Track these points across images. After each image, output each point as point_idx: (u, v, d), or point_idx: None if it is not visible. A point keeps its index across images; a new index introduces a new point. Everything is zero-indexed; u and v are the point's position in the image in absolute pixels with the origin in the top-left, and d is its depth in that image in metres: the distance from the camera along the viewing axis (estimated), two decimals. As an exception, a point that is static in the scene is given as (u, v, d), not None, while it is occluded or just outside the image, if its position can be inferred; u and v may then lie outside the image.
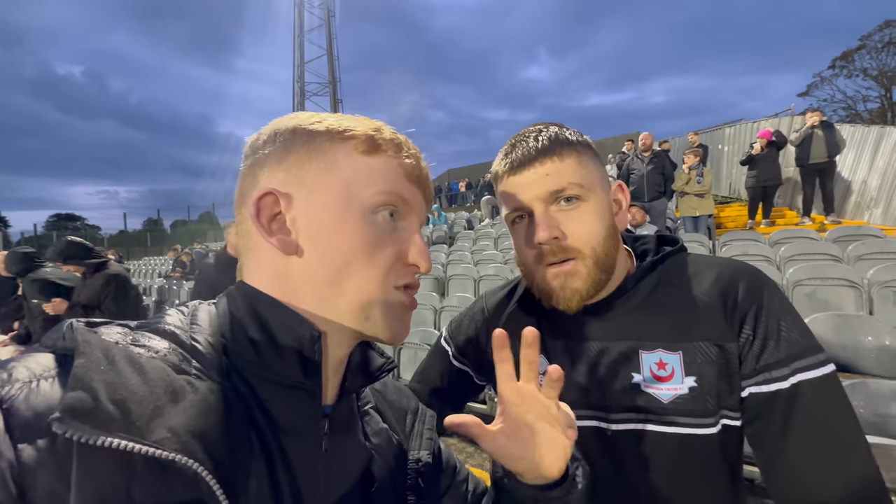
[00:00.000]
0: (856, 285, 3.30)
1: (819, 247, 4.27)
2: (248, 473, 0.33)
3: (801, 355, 0.56)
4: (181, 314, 0.40)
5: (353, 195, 0.40)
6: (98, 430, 0.26)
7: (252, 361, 0.37)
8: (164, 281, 9.59)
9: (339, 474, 0.41)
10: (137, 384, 0.29)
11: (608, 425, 0.64)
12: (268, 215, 0.40)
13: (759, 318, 0.58)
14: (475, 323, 0.80)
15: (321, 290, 0.39)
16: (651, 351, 0.62)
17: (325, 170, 0.40)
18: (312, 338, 0.38)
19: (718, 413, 0.59)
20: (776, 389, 0.56)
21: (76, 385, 0.27)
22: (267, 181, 0.41)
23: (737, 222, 7.89)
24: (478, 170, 19.51)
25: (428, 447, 0.52)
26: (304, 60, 26.81)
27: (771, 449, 0.56)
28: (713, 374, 0.59)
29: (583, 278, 0.61)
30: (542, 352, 0.71)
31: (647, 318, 0.64)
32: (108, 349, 0.30)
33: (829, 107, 23.80)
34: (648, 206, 5.69)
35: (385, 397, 0.55)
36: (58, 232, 20.26)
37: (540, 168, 0.61)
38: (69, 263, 2.88)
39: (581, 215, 0.61)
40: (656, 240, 0.72)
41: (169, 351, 0.34)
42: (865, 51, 22.52)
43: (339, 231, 0.39)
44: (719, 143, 10.69)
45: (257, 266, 0.41)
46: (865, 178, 7.03)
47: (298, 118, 0.43)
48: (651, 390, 0.61)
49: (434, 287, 5.58)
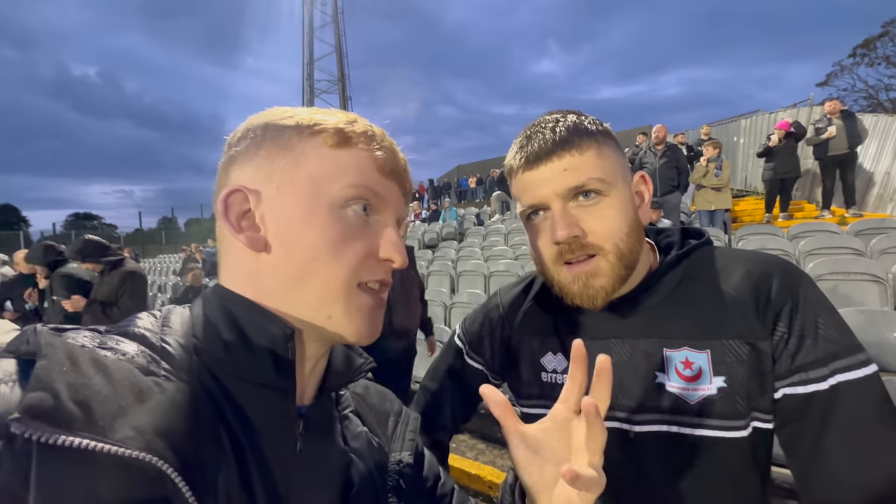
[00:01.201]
0: (880, 280, 3.20)
1: (840, 240, 4.15)
2: (217, 471, 0.33)
3: (841, 354, 0.53)
4: (153, 318, 0.39)
5: (321, 190, 0.40)
6: (58, 429, 0.26)
7: (225, 361, 0.37)
8: (178, 279, 9.75)
9: (314, 475, 0.41)
10: (101, 384, 0.29)
11: (631, 426, 0.61)
12: (237, 213, 0.40)
13: (795, 314, 0.55)
14: (490, 320, 0.78)
15: (288, 287, 0.39)
16: (677, 349, 0.59)
17: (293, 165, 0.40)
18: (286, 335, 0.38)
19: (749, 415, 0.56)
20: (814, 391, 0.53)
21: (36, 386, 0.27)
22: (237, 178, 0.41)
23: (752, 216, 7.72)
24: (487, 165, 19.38)
25: (410, 448, 0.52)
26: (313, 58, 26.94)
27: (807, 453, 0.53)
28: (744, 374, 0.56)
29: (606, 275, 0.59)
30: (561, 349, 0.69)
31: (672, 314, 0.61)
32: (71, 351, 0.30)
33: (849, 96, 23.13)
34: (661, 200, 5.60)
35: (366, 401, 0.54)
36: (76, 231, 20.69)
37: (558, 162, 0.58)
38: (87, 261, 2.95)
39: (602, 211, 0.58)
40: (680, 233, 0.69)
41: (137, 353, 0.34)
42: (888, 38, 21.76)
43: (306, 227, 0.39)
44: (735, 135, 10.46)
45: (232, 265, 0.41)
46: (888, 169, 6.81)
47: (271, 114, 0.42)
48: (676, 391, 0.59)
49: (444, 283, 5.58)
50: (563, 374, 0.68)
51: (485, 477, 2.74)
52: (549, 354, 0.70)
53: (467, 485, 2.80)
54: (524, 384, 0.73)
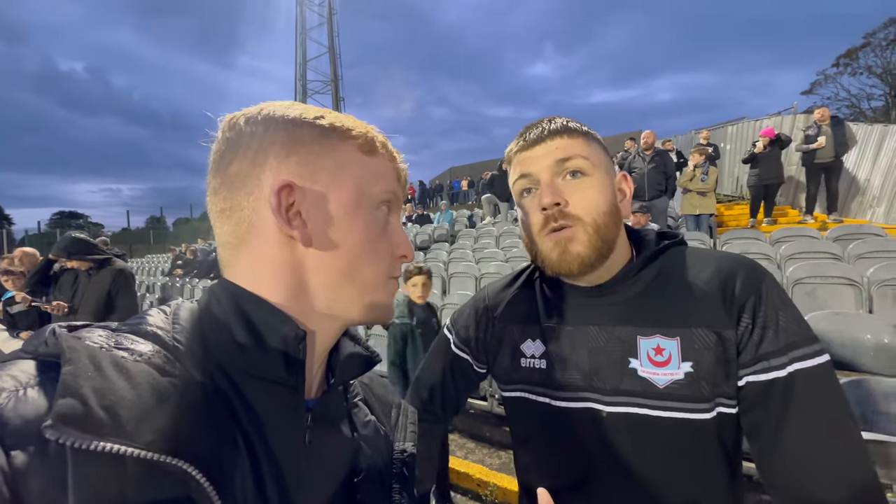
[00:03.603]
0: (855, 284, 3.30)
1: (819, 245, 4.28)
2: (234, 469, 0.34)
3: (798, 344, 0.57)
4: (163, 314, 0.40)
5: (363, 192, 0.43)
6: (90, 434, 0.27)
7: (235, 359, 0.38)
8: (167, 279, 9.64)
9: (323, 466, 0.43)
10: (125, 389, 0.30)
11: (603, 407, 0.65)
12: (285, 206, 0.40)
13: (759, 308, 0.60)
14: (476, 311, 0.83)
15: (333, 281, 0.42)
16: (649, 337, 0.64)
17: (339, 167, 0.42)
18: (297, 337, 0.39)
19: (714, 399, 0.60)
20: (773, 378, 0.57)
21: (65, 392, 0.28)
22: (278, 171, 0.40)
23: (739, 221, 7.87)
24: (479, 168, 19.47)
25: (412, 439, 0.54)
26: (306, 59, 26.83)
27: (767, 437, 0.57)
28: (710, 360, 0.60)
29: (583, 244, 0.64)
30: (540, 336, 0.73)
31: (646, 305, 0.66)
32: (94, 355, 0.31)
33: (833, 104, 23.64)
34: (649, 204, 5.69)
35: (372, 390, 0.57)
36: (61, 229, 20.30)
37: (551, 143, 0.66)
38: (73, 259, 2.91)
39: (585, 188, 0.65)
40: (657, 233, 0.74)
41: (153, 353, 0.35)
42: (870, 48, 22.36)
43: (351, 225, 0.42)
44: (722, 141, 10.66)
45: (257, 259, 0.41)
46: (868, 176, 7.00)
47: (296, 108, 0.43)
48: (647, 375, 0.63)
49: (436, 285, 5.60)
50: (540, 359, 0.72)
51: (473, 475, 2.78)
52: (528, 341, 0.75)
53: (456, 483, 2.83)
54: (505, 370, 0.77)
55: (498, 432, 3.32)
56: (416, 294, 2.62)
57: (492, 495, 2.65)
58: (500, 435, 3.28)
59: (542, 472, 0.74)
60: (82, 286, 2.94)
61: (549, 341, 0.72)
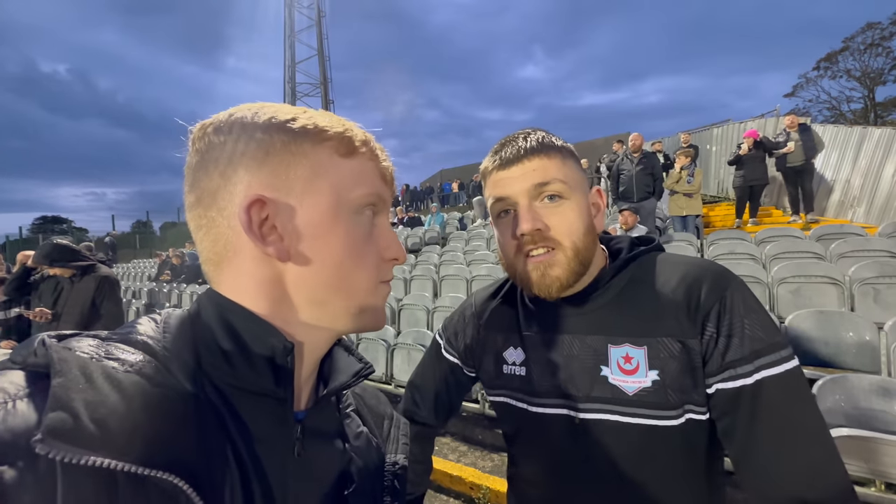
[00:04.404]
0: (837, 282, 3.38)
1: (803, 245, 4.37)
2: (224, 482, 0.34)
3: (764, 352, 0.58)
4: (153, 323, 0.39)
5: (341, 198, 0.41)
6: (80, 449, 0.27)
7: (224, 371, 0.37)
8: (153, 284, 9.48)
9: (313, 478, 0.42)
10: (116, 401, 0.30)
11: (577, 414, 0.67)
12: (257, 222, 0.38)
13: (723, 315, 0.60)
14: (464, 317, 0.86)
15: (316, 295, 0.40)
16: (619, 345, 0.65)
17: (313, 174, 0.40)
18: (285, 349, 0.38)
19: (682, 406, 0.61)
20: (741, 385, 0.58)
21: (56, 406, 0.27)
22: (249, 185, 0.38)
23: (725, 221, 8.01)
24: (470, 170, 19.48)
25: (404, 451, 0.54)
26: (294, 61, 26.66)
27: (739, 444, 0.58)
28: (675, 368, 0.61)
29: (562, 267, 0.65)
30: (521, 344, 0.75)
31: (617, 313, 0.67)
32: (84, 366, 0.30)
33: (814, 107, 24.26)
34: (637, 205, 5.76)
35: (364, 401, 0.56)
36: (44, 235, 19.81)
37: (528, 164, 0.65)
38: (56, 266, 2.83)
39: (563, 212, 0.65)
40: (630, 240, 0.75)
41: (143, 364, 0.34)
42: (849, 52, 22.95)
43: (331, 234, 0.40)
44: (707, 143, 10.85)
45: (238, 274, 0.39)
46: (848, 177, 7.18)
47: (265, 111, 0.40)
48: (617, 382, 0.64)
49: (427, 288, 5.60)
50: (521, 366, 0.74)
51: (466, 478, 2.77)
52: (510, 348, 0.77)
53: (449, 486, 2.82)
54: (490, 376, 0.79)
55: (490, 435, 3.32)
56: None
57: (484, 498, 2.64)
58: (493, 437, 3.28)
59: (525, 476, 0.77)
60: (65, 293, 2.86)
61: (528, 349, 0.74)
